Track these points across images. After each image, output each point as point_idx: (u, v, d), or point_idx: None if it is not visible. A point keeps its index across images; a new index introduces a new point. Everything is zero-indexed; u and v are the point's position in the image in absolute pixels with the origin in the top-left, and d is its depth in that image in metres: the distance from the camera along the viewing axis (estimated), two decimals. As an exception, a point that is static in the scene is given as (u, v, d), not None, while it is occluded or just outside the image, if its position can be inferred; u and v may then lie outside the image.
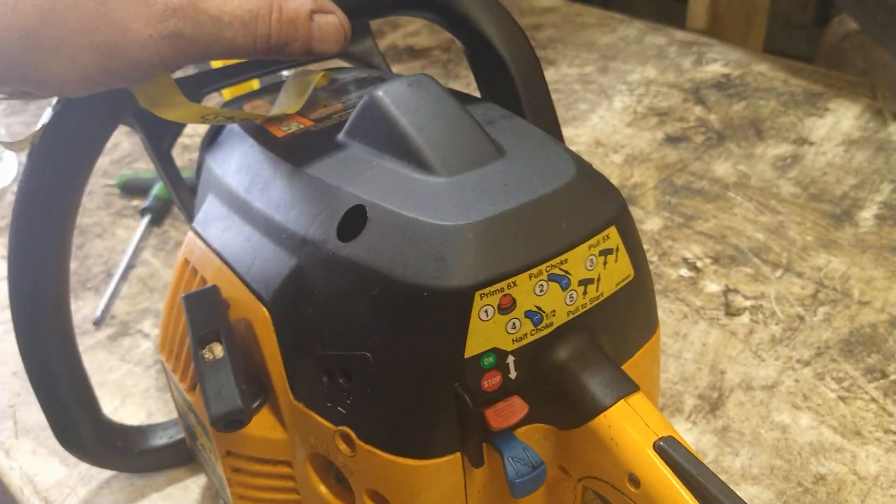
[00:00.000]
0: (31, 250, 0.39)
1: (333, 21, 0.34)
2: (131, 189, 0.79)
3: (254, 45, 0.33)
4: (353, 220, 0.32)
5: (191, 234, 0.40)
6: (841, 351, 0.57)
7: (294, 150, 0.37)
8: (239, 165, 0.39)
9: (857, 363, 0.56)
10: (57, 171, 0.37)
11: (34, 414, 0.56)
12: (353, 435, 0.33)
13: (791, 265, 0.65)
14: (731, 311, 0.61)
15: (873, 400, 0.53)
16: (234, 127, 0.40)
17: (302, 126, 0.39)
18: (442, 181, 0.32)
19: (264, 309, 0.35)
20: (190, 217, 0.42)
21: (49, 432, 0.45)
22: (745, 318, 0.60)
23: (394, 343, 0.31)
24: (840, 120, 0.84)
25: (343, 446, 0.34)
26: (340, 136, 0.36)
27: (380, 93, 0.34)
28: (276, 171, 0.36)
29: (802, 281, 0.63)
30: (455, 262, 0.29)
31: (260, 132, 0.39)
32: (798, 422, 0.52)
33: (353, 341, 0.32)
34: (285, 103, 0.40)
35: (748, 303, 0.62)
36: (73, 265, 0.69)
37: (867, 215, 0.70)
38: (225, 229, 0.38)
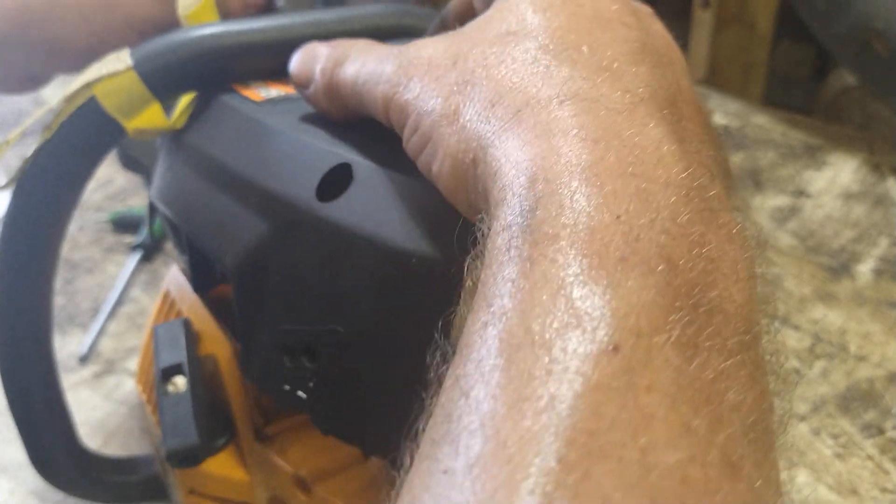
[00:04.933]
0: (14, 279, 0.39)
1: None
2: (123, 225, 0.79)
3: None
4: (336, 180, 0.29)
5: (174, 267, 0.40)
6: (837, 406, 0.56)
7: (272, 113, 0.34)
8: (216, 129, 0.36)
9: (854, 419, 0.55)
10: (41, 205, 0.37)
11: (13, 452, 0.55)
12: (307, 479, 0.32)
13: (788, 318, 0.64)
14: (727, 363, 0.60)
15: (870, 457, 0.52)
16: (214, 98, 0.37)
17: (282, 93, 0.37)
18: None
19: (229, 344, 0.34)
20: (183, 251, 0.41)
21: (28, 471, 0.44)
22: (741, 370, 0.59)
23: (371, 317, 0.28)
24: (838, 173, 0.84)
25: (298, 491, 0.33)
26: None
27: None
28: (251, 132, 0.34)
29: (799, 334, 0.63)
30: (452, 228, 0.26)
31: (237, 98, 0.36)
32: (794, 479, 0.51)
33: (324, 314, 0.29)
34: None
35: (744, 355, 0.61)
36: (61, 300, 0.69)
37: (865, 269, 0.70)
38: (194, 199, 0.35)
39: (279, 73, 0.36)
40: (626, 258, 0.19)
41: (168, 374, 0.35)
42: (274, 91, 0.36)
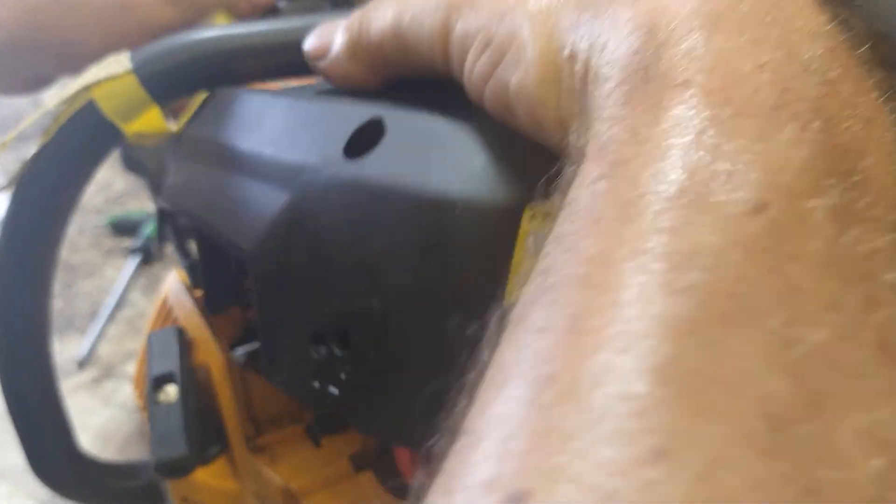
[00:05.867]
0: (12, 282, 0.38)
1: None
2: (122, 228, 0.79)
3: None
4: (367, 138, 0.25)
5: (173, 273, 0.40)
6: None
7: (293, 92, 0.31)
8: (227, 116, 0.33)
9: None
10: (39, 208, 0.36)
11: (12, 456, 0.55)
12: (297, 493, 0.31)
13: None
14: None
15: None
16: (227, 93, 0.35)
17: (303, 84, 0.34)
18: None
19: (223, 353, 0.34)
20: (184, 256, 0.41)
21: (26, 475, 0.43)
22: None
23: (412, 284, 0.24)
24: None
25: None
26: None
27: None
28: (269, 106, 0.30)
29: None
30: (501, 168, 0.23)
31: (253, 91, 0.34)
32: None
33: (356, 289, 0.25)
34: None
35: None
36: (60, 304, 0.69)
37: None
38: (203, 188, 0.32)
39: (279, 76, 0.36)
40: (779, 107, 0.16)
41: (160, 382, 0.34)
42: (293, 83, 0.34)
